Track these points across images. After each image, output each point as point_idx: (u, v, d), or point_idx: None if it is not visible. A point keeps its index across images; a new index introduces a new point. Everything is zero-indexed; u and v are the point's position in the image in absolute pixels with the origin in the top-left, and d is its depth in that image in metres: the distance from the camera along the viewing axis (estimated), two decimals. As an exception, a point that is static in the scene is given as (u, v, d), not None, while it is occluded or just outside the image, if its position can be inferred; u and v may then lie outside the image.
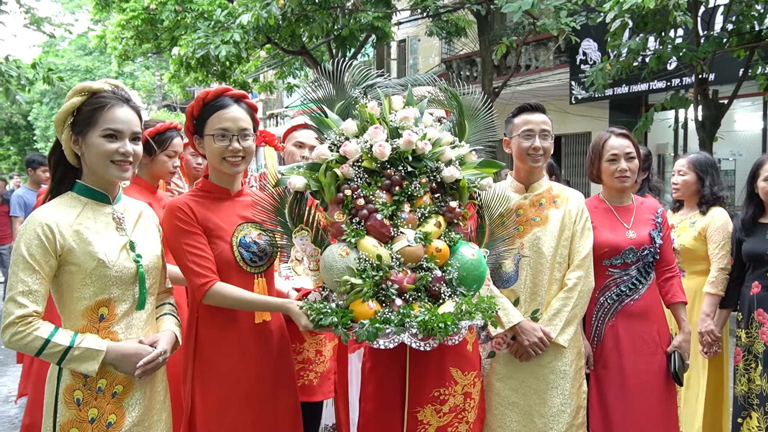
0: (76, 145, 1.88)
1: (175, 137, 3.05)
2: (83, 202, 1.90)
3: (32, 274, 1.77)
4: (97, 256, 1.83)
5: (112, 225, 1.93)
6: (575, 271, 2.59)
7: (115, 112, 1.88)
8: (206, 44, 8.93)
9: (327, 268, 1.97)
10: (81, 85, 1.90)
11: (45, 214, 1.82)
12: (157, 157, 2.90)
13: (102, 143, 1.86)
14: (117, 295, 1.88)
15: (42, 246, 1.77)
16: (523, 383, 2.57)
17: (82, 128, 1.86)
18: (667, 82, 9.61)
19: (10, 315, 1.75)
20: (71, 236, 1.82)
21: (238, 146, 2.12)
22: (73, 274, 1.82)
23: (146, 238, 2.01)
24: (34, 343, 1.75)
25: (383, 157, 2.05)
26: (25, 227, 1.80)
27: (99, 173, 1.90)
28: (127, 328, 1.91)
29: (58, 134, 1.89)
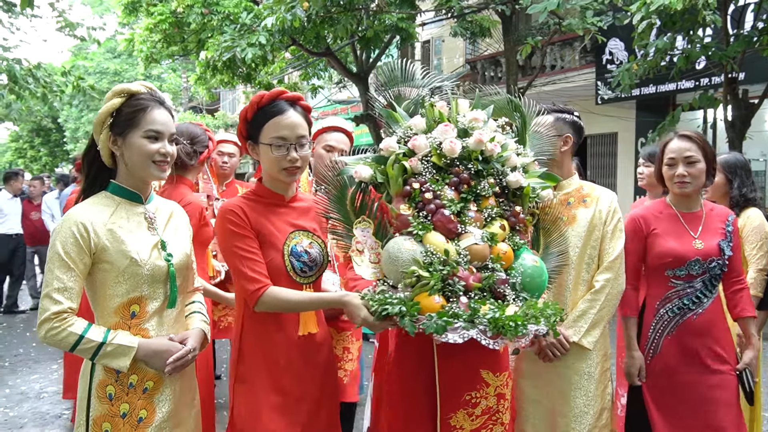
0: (115, 145, 1.93)
1: None
2: (117, 202, 1.95)
3: (67, 271, 1.81)
4: (130, 255, 1.88)
5: (144, 224, 1.97)
6: (604, 273, 2.55)
7: (155, 113, 1.94)
8: (233, 47, 9.00)
9: (392, 259, 1.94)
10: (120, 86, 1.95)
11: (80, 213, 1.87)
12: None
13: (144, 144, 1.92)
14: (148, 293, 1.93)
15: (77, 244, 1.82)
16: (547, 383, 2.56)
17: (122, 129, 1.91)
18: (695, 82, 9.48)
19: (46, 311, 1.80)
20: (105, 235, 1.87)
21: (295, 156, 2.07)
22: (107, 272, 1.88)
23: (177, 238, 2.05)
24: (69, 339, 1.80)
25: (453, 153, 2.05)
26: (61, 226, 1.85)
27: (139, 173, 1.95)
28: (158, 326, 1.95)
29: (95, 135, 1.94)
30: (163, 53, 11.67)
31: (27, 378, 5.83)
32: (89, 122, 25.89)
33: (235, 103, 26.71)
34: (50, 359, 6.34)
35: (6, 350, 6.90)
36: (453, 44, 15.92)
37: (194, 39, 11.16)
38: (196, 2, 10.62)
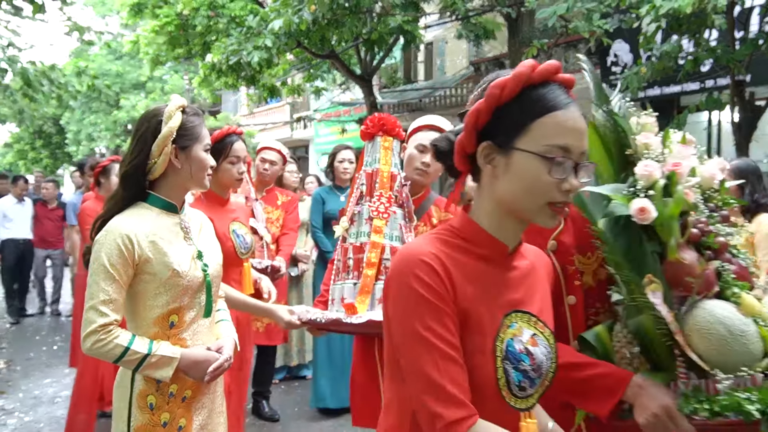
0: (176, 158, 1.96)
1: (235, 142, 2.91)
2: (155, 213, 1.98)
3: (112, 283, 1.84)
4: (172, 266, 1.91)
5: (181, 234, 2.01)
6: None
7: (205, 128, 2.04)
8: (239, 50, 9.05)
9: (733, 335, 1.33)
10: (180, 102, 1.99)
11: (124, 225, 1.89)
12: (220, 165, 2.81)
13: (206, 157, 2.01)
14: (186, 303, 1.96)
15: (122, 256, 1.84)
16: None
17: (187, 143, 1.97)
18: (701, 84, 9.50)
19: (92, 323, 1.82)
20: (148, 246, 1.89)
21: (576, 183, 1.18)
22: (148, 283, 1.90)
23: (210, 247, 2.10)
24: (115, 351, 1.83)
25: (712, 183, 1.54)
26: (105, 237, 1.86)
27: (198, 183, 2.02)
28: (193, 335, 1.99)
29: (156, 148, 1.91)
30: (168, 55, 11.69)
31: (40, 382, 5.86)
32: (91, 124, 25.92)
33: (236, 104, 26.73)
34: (62, 363, 6.36)
35: (17, 354, 6.92)
36: (456, 46, 15.95)
37: (199, 41, 11.20)
38: (202, 5, 10.65)
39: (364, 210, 2.55)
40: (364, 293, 2.42)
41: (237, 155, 2.85)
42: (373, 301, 2.42)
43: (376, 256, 2.45)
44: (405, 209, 2.57)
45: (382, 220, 2.49)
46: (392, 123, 2.65)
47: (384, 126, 2.63)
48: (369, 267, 2.44)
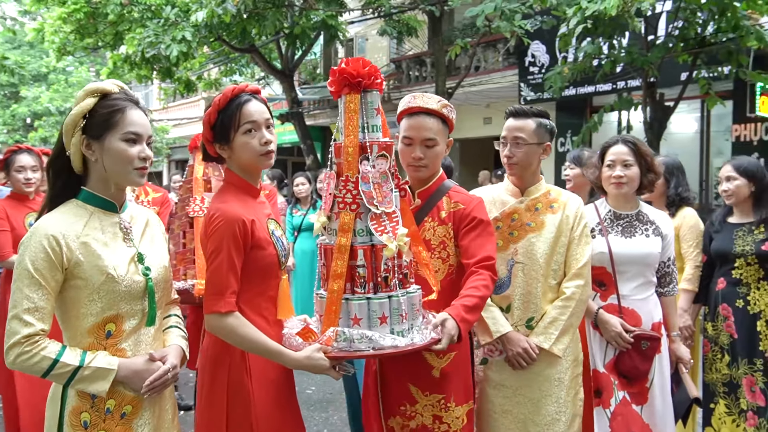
0: (89, 150, 1.76)
1: (245, 103, 2.32)
2: (89, 211, 1.79)
3: (38, 289, 1.66)
4: (106, 270, 1.73)
5: (120, 236, 1.82)
6: (574, 280, 2.53)
7: (133, 114, 1.79)
8: (156, 43, 8.66)
9: None
10: (93, 85, 1.79)
11: (50, 225, 1.70)
12: (234, 140, 2.49)
13: (124, 148, 1.77)
14: (125, 310, 1.79)
15: (48, 259, 1.67)
16: (516, 391, 2.53)
17: (98, 132, 1.75)
18: (612, 85, 9.94)
19: (16, 334, 1.64)
20: (78, 248, 1.71)
21: None
22: (80, 290, 1.72)
23: (154, 249, 1.91)
24: (42, 364, 1.66)
25: None
26: (30, 239, 1.68)
27: (118, 179, 1.80)
28: (135, 345, 1.81)
29: (65, 138, 1.77)
30: (76, 45, 11.03)
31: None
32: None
33: (148, 98, 25.68)
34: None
35: None
36: (376, 43, 15.98)
37: (111, 31, 10.62)
38: (114, -8, 10.11)
39: (334, 201, 2.04)
40: (330, 312, 1.94)
41: (252, 119, 1.96)
42: (348, 325, 1.94)
43: (342, 264, 1.94)
44: (377, 191, 1.99)
45: (350, 213, 1.98)
46: (359, 71, 1.98)
47: (347, 79, 1.98)
48: (335, 279, 1.95)
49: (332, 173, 2.07)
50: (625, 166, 2.82)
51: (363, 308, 1.96)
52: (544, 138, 2.60)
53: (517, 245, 2.58)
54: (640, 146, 2.85)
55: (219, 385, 1.94)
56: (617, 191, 2.86)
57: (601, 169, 2.91)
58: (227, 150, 2.00)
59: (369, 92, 2.03)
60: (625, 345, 2.70)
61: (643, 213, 2.92)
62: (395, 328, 1.96)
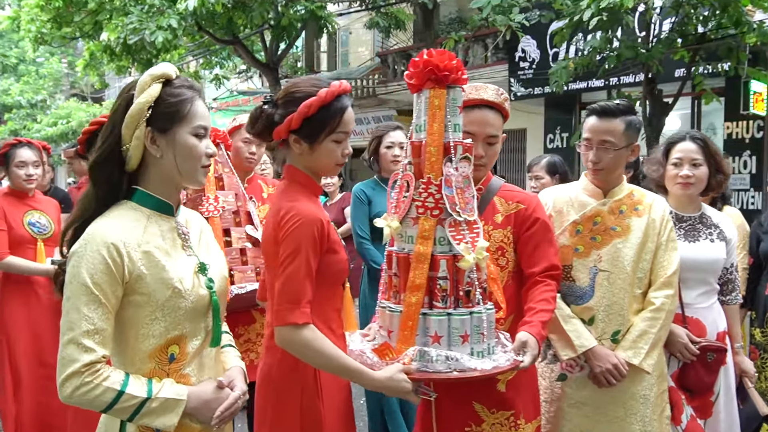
0: (153, 144, 1.52)
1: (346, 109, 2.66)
2: (146, 215, 1.55)
3: (98, 307, 1.42)
4: (172, 284, 1.50)
5: (179, 243, 1.59)
6: (663, 290, 2.35)
7: (200, 106, 1.56)
8: (140, 29, 8.35)
9: None
10: (159, 69, 1.54)
11: (108, 232, 1.46)
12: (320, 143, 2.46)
13: (194, 143, 1.54)
14: (189, 330, 1.56)
15: (108, 272, 1.43)
16: (598, 410, 2.33)
17: (166, 124, 1.52)
18: (605, 81, 9.88)
19: (74, 362, 1.40)
20: (140, 259, 1.48)
21: None
22: (140, 307, 1.49)
23: (212, 258, 1.67)
24: (104, 397, 1.41)
25: None
26: (85, 248, 1.44)
27: (185, 178, 1.57)
28: (198, 369, 1.59)
29: (126, 130, 1.51)
30: (53, 34, 10.62)
31: None
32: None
33: (121, 91, 25.11)
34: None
35: None
36: (359, 37, 15.77)
37: (90, 20, 10.23)
38: (94, -21, 9.73)
39: (412, 205, 1.85)
40: (406, 330, 1.75)
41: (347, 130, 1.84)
42: (425, 343, 1.76)
43: (421, 274, 1.76)
44: (459, 196, 1.81)
45: (432, 219, 1.79)
46: (446, 64, 1.79)
47: (433, 72, 1.79)
48: (412, 291, 1.76)
49: (409, 174, 1.87)
50: (694, 165, 2.62)
51: (443, 325, 1.77)
52: (633, 138, 2.37)
53: (600, 251, 2.36)
54: (710, 144, 2.67)
55: (290, 411, 1.73)
56: (683, 192, 2.66)
57: (665, 167, 2.71)
58: (303, 146, 1.78)
59: (453, 88, 1.85)
60: (690, 357, 2.52)
61: (706, 216, 2.72)
62: (475, 347, 1.78)
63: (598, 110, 2.35)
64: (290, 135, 1.78)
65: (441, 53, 1.82)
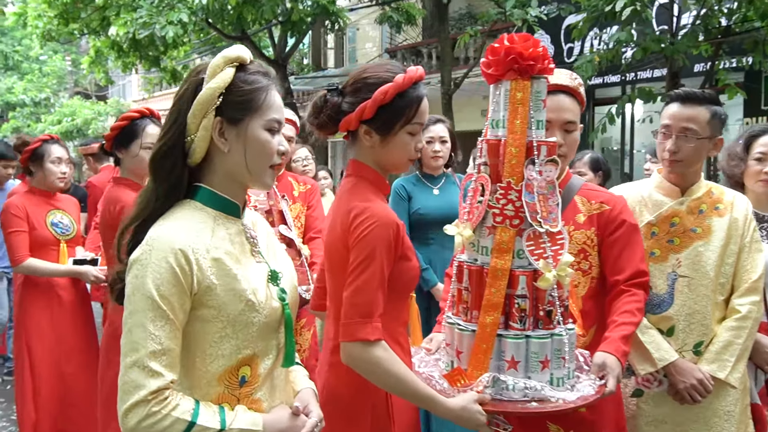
0: (221, 137, 1.34)
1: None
2: (212, 216, 1.37)
3: (165, 324, 1.24)
4: (245, 296, 1.32)
5: (247, 248, 1.41)
6: (748, 296, 2.15)
7: (276, 97, 1.38)
8: (150, 24, 8.20)
9: None
10: (236, 52, 1.36)
11: (175, 236, 1.28)
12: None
13: (267, 139, 1.36)
14: (261, 348, 1.37)
15: (177, 282, 1.25)
16: (677, 427, 2.16)
17: (237, 114, 1.34)
18: (621, 77, 9.72)
19: (140, 389, 1.21)
20: (210, 267, 1.30)
21: None
22: (208, 323, 1.31)
23: (282, 265, 1.48)
24: (173, 429, 1.23)
25: None
26: (149, 255, 1.26)
27: (253, 176, 1.39)
28: (270, 393, 1.40)
29: (192, 119, 1.33)
30: (61, 31, 10.45)
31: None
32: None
33: (125, 89, 24.97)
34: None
35: None
36: (367, 33, 15.61)
37: (98, 16, 10.07)
38: (102, -26, 9.57)
39: (488, 212, 1.65)
40: (479, 353, 1.58)
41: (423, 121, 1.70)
42: (499, 368, 1.59)
43: (499, 292, 1.58)
44: (541, 204, 1.62)
45: (511, 230, 1.60)
46: (531, 52, 1.60)
47: (516, 61, 1.60)
48: (488, 311, 1.58)
49: (485, 177, 1.68)
50: None
51: (521, 348, 1.60)
52: (717, 131, 2.17)
53: (680, 255, 2.18)
54: None
55: None
56: (766, 189, 2.46)
57: (747, 162, 2.51)
58: (374, 139, 1.63)
59: (537, 79, 1.64)
60: None
61: None
62: (555, 373, 1.61)
63: (682, 96, 2.17)
64: (361, 126, 1.62)
65: (524, 38, 1.64)
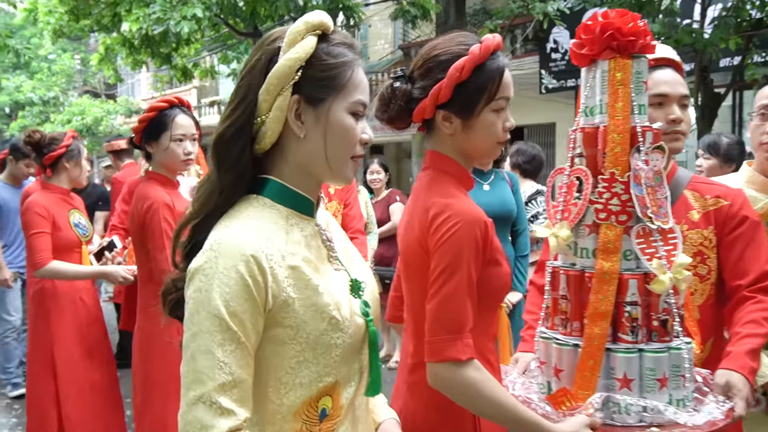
0: (298, 119, 1.11)
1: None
2: (284, 215, 1.13)
3: (236, 349, 1.00)
4: (329, 312, 1.09)
5: (324, 253, 1.18)
6: None
7: (362, 74, 1.15)
8: (164, 20, 8.04)
9: None
10: (318, 17, 1.12)
11: (245, 239, 1.04)
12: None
13: (351, 125, 1.13)
14: (344, 374, 1.14)
15: (249, 296, 1.01)
16: None
17: (320, 93, 1.11)
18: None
19: (209, 429, 0.97)
20: (287, 278, 1.06)
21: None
22: (284, 346, 1.06)
23: (361, 272, 1.24)
24: None
25: None
26: (215, 263, 1.02)
27: (332, 169, 1.15)
28: (352, 426, 1.18)
29: (265, 97, 1.09)
30: (72, 27, 10.31)
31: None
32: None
33: (134, 87, 24.88)
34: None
35: None
36: (379, 30, 15.44)
37: (109, 12, 9.93)
38: (113, -30, 9.43)
39: (588, 209, 1.45)
40: (585, 370, 1.38)
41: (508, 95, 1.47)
42: (608, 387, 1.40)
43: (607, 299, 1.39)
44: (650, 197, 1.43)
45: (617, 227, 1.42)
46: (632, 28, 1.42)
47: (614, 37, 1.42)
48: (594, 321, 1.39)
49: (582, 170, 1.49)
50: None
51: (633, 364, 1.40)
52: None
53: None
54: None
55: None
56: None
57: None
58: (454, 124, 1.43)
59: (638, 59, 1.45)
60: None
61: None
62: (674, 394, 1.40)
63: None
64: (437, 112, 1.43)
65: (622, 13, 1.45)
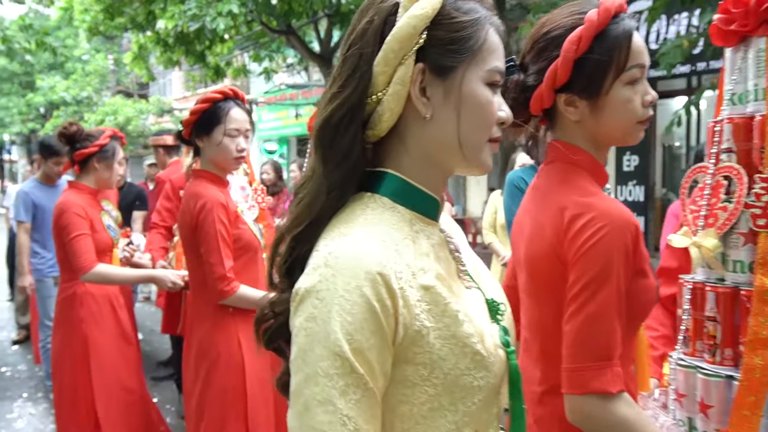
0: (423, 95, 0.86)
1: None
2: (407, 219, 0.88)
3: (362, 396, 0.77)
4: (472, 346, 0.84)
5: (454, 267, 0.93)
6: None
7: (497, 39, 0.89)
8: (200, 16, 7.98)
9: None
10: None
11: (368, 251, 0.80)
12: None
13: (489, 98, 0.88)
14: (484, 421, 0.89)
15: (377, 328, 0.78)
16: None
17: (450, 61, 0.86)
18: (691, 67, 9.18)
19: None
20: (419, 300, 0.82)
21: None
22: (414, 388, 0.82)
23: (493, 288, 0.99)
24: None
25: None
26: (334, 284, 0.78)
27: (467, 157, 0.89)
28: None
29: (381, 69, 0.84)
30: (107, 25, 10.34)
31: None
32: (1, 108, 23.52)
33: (165, 87, 25.04)
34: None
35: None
36: (412, 28, 15.28)
37: (144, 10, 9.93)
38: (148, -32, 9.42)
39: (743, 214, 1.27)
40: (744, 408, 1.19)
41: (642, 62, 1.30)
42: None
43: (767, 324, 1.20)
44: None
45: None
46: None
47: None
48: (755, 349, 1.20)
49: (732, 167, 1.31)
50: None
51: None
52: None
53: None
54: None
55: None
56: None
57: None
58: (581, 106, 1.23)
59: None
60: None
61: None
62: None
63: None
64: (558, 97, 1.24)
65: None
